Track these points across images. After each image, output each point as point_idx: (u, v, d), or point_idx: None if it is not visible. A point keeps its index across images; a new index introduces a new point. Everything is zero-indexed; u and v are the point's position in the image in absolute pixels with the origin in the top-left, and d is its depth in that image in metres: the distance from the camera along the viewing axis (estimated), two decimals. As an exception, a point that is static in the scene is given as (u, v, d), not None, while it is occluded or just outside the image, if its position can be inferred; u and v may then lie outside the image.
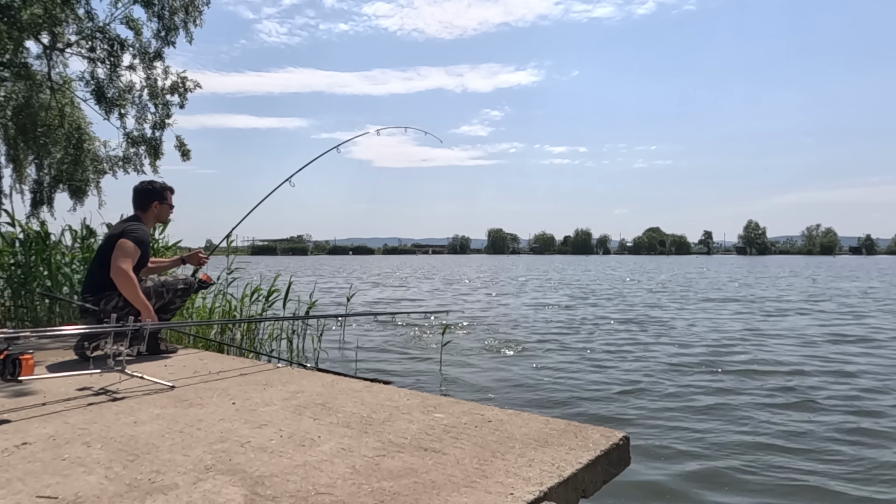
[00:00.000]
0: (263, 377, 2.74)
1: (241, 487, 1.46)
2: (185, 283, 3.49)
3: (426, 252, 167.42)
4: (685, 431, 3.79)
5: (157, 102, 8.96)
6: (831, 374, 5.47)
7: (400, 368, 5.81)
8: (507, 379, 5.29)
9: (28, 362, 2.08)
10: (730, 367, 5.75)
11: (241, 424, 1.98)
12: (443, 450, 1.73)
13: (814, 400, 4.55)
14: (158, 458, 1.65)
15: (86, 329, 2.78)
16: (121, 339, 2.53)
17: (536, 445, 1.77)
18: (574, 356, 6.42)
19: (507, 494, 1.41)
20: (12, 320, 4.95)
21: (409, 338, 7.74)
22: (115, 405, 2.21)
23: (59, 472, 1.55)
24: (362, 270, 34.89)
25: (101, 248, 3.28)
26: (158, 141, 9.20)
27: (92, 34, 8.30)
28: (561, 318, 10.07)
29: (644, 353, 6.58)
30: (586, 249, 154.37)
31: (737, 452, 3.42)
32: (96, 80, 8.67)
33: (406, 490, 1.43)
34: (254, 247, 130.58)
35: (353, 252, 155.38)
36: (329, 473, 1.55)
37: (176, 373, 2.82)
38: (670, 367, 5.78)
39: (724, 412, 4.22)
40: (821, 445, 3.54)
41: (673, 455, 3.38)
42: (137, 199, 3.43)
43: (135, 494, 1.41)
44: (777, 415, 4.17)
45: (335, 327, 7.84)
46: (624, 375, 5.42)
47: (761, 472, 3.15)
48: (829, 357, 6.33)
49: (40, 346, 3.47)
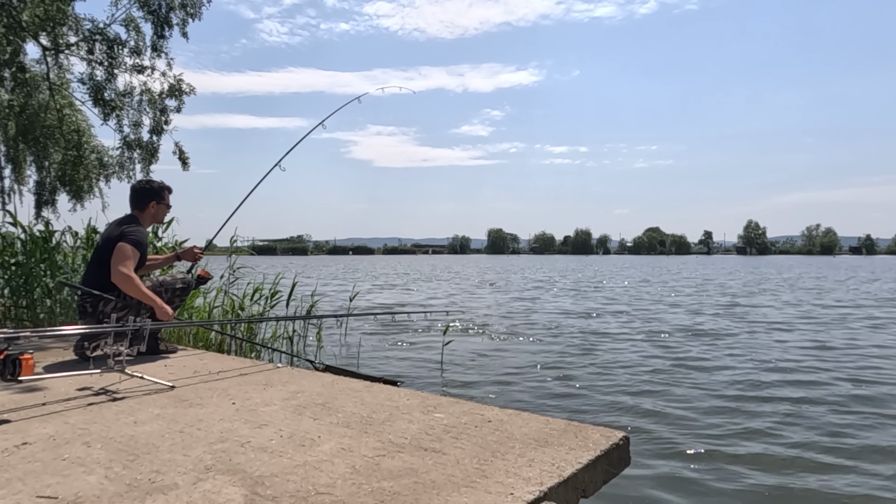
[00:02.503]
0: (263, 377, 2.74)
1: (241, 487, 1.46)
2: (183, 283, 3.49)
3: (426, 252, 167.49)
4: (685, 431, 3.79)
5: (154, 107, 8.93)
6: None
7: (400, 368, 5.81)
8: (508, 379, 5.29)
9: (28, 362, 2.08)
10: (732, 367, 5.75)
11: (241, 424, 1.98)
12: (443, 450, 1.73)
13: (814, 402, 4.55)
14: (158, 458, 1.65)
15: (86, 329, 2.77)
16: (121, 339, 2.53)
17: (536, 445, 1.77)
18: (574, 356, 6.41)
19: (507, 494, 1.41)
20: (12, 320, 4.95)
21: (409, 338, 7.73)
22: (115, 405, 2.21)
23: (59, 472, 1.55)
24: (366, 271, 34.83)
25: (99, 248, 3.27)
26: (155, 146, 9.17)
27: (91, 36, 8.29)
28: (561, 318, 10.07)
29: (645, 354, 6.58)
30: (586, 249, 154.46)
31: (738, 453, 3.42)
32: (94, 82, 8.65)
33: (406, 490, 1.43)
34: (254, 247, 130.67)
35: (353, 252, 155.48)
36: (329, 473, 1.55)
37: (176, 373, 2.82)
38: (671, 368, 5.78)
39: (725, 412, 4.22)
40: (823, 447, 3.54)
41: (673, 455, 3.38)
42: (135, 199, 3.42)
43: (135, 494, 1.41)
44: (781, 415, 4.17)
45: (336, 327, 7.84)
46: (625, 375, 5.41)
47: (763, 472, 3.15)
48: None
49: (40, 346, 3.47)
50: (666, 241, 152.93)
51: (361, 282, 22.52)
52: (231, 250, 5.80)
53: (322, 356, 5.77)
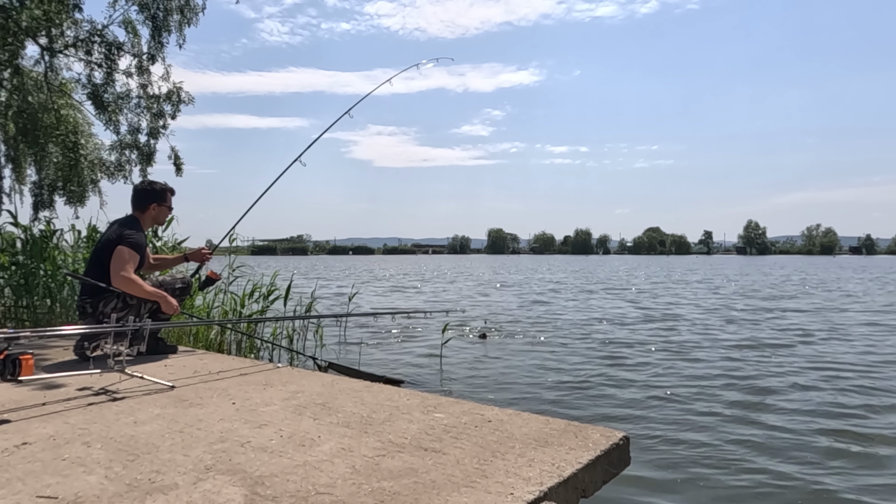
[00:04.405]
0: (263, 377, 2.74)
1: (241, 487, 1.46)
2: (183, 283, 3.49)
3: (426, 252, 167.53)
4: (686, 431, 3.79)
5: (153, 111, 8.91)
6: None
7: (400, 368, 5.80)
8: (508, 379, 5.29)
9: (28, 362, 2.08)
10: (731, 367, 5.75)
11: (241, 424, 1.98)
12: (443, 450, 1.73)
13: (813, 404, 4.55)
14: (158, 458, 1.65)
15: (86, 329, 2.77)
16: (121, 339, 2.53)
17: (536, 445, 1.77)
18: (574, 356, 6.41)
19: (507, 494, 1.41)
20: (12, 320, 4.95)
21: (409, 338, 7.73)
22: (115, 405, 2.21)
23: (59, 472, 1.55)
24: (371, 271, 34.74)
25: (97, 249, 3.26)
26: (152, 149, 9.15)
27: (89, 37, 8.28)
28: (564, 318, 10.07)
29: (645, 354, 6.58)
30: (586, 249, 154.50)
31: (738, 453, 3.42)
32: (93, 83, 8.64)
33: (406, 490, 1.43)
34: (254, 247, 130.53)
35: (354, 252, 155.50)
36: (329, 473, 1.55)
37: (176, 373, 2.82)
38: (673, 367, 5.78)
39: (726, 412, 4.22)
40: (824, 449, 3.54)
41: (673, 455, 3.38)
42: (136, 200, 3.41)
43: (135, 494, 1.41)
44: (780, 417, 4.17)
45: (336, 327, 7.84)
46: (626, 375, 5.41)
47: (763, 472, 3.15)
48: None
49: (40, 345, 3.47)
50: (666, 241, 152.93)
51: (368, 283, 22.51)
52: (231, 250, 5.80)
53: (323, 355, 5.77)
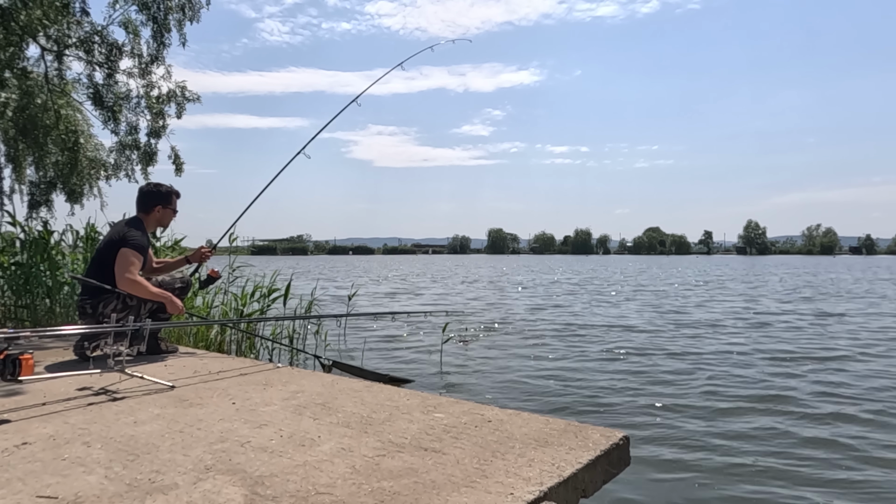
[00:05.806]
0: (263, 377, 2.74)
1: (241, 487, 1.46)
2: (182, 283, 3.48)
3: (426, 252, 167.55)
4: (686, 431, 3.79)
5: (153, 111, 8.90)
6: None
7: (400, 368, 5.80)
8: (508, 379, 5.29)
9: (28, 362, 2.08)
10: (733, 365, 5.75)
11: (241, 424, 1.98)
12: (443, 450, 1.73)
13: (812, 405, 4.55)
14: (158, 458, 1.65)
15: (86, 329, 2.77)
16: (121, 339, 2.53)
17: (536, 445, 1.77)
18: (575, 356, 6.41)
19: (507, 494, 1.41)
20: (12, 320, 4.95)
21: (409, 337, 7.73)
22: (115, 405, 2.21)
23: (59, 472, 1.55)
24: (374, 272, 34.71)
25: (100, 250, 3.26)
26: (154, 149, 9.14)
27: (89, 37, 8.27)
28: (562, 319, 10.07)
29: (645, 354, 6.58)
30: (586, 249, 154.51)
31: (738, 453, 3.42)
32: (94, 84, 8.64)
33: (406, 490, 1.43)
34: (254, 247, 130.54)
35: (353, 252, 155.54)
36: (329, 473, 1.55)
37: (176, 373, 2.82)
38: (673, 367, 5.78)
39: (727, 412, 4.22)
40: (826, 449, 3.54)
41: (673, 455, 3.38)
42: (141, 201, 3.41)
43: (135, 494, 1.41)
44: (782, 416, 4.17)
45: (336, 327, 7.84)
46: (626, 375, 5.41)
47: (763, 472, 3.15)
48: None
49: (40, 346, 3.47)
50: (666, 241, 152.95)
51: (367, 284, 22.50)
52: (231, 250, 5.80)
53: (325, 353, 5.77)
